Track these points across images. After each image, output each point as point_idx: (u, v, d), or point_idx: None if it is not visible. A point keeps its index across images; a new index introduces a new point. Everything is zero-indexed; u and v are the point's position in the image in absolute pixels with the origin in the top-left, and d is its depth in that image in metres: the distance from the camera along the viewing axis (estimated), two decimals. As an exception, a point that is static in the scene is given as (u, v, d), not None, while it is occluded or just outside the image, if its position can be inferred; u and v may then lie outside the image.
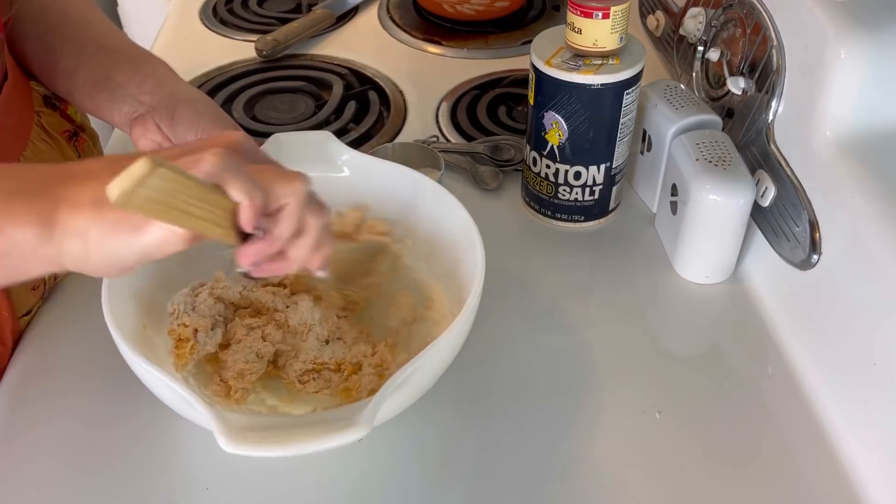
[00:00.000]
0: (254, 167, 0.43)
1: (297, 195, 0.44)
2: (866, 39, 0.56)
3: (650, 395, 0.59)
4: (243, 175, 0.41)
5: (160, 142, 0.60)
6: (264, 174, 0.43)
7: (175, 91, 0.60)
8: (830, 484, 0.53)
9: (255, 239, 0.44)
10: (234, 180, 0.41)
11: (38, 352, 0.61)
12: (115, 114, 0.62)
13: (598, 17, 0.62)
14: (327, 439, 0.42)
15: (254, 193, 0.42)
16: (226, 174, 0.41)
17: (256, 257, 0.45)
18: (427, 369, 0.49)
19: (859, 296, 0.55)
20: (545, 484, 0.53)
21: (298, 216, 0.45)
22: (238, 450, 0.41)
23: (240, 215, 0.42)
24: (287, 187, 0.44)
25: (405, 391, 0.48)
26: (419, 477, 0.54)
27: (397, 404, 0.49)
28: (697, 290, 0.68)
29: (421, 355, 0.46)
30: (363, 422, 0.42)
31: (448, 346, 0.49)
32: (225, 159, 0.41)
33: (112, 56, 0.62)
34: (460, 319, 0.49)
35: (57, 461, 0.54)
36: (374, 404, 0.43)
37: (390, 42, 1.04)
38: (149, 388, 0.49)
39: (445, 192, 0.60)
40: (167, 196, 0.37)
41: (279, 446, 0.42)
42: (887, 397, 0.51)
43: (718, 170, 0.63)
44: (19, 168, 0.52)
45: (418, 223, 0.62)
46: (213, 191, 0.40)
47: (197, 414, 0.44)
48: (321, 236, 0.47)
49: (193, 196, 0.39)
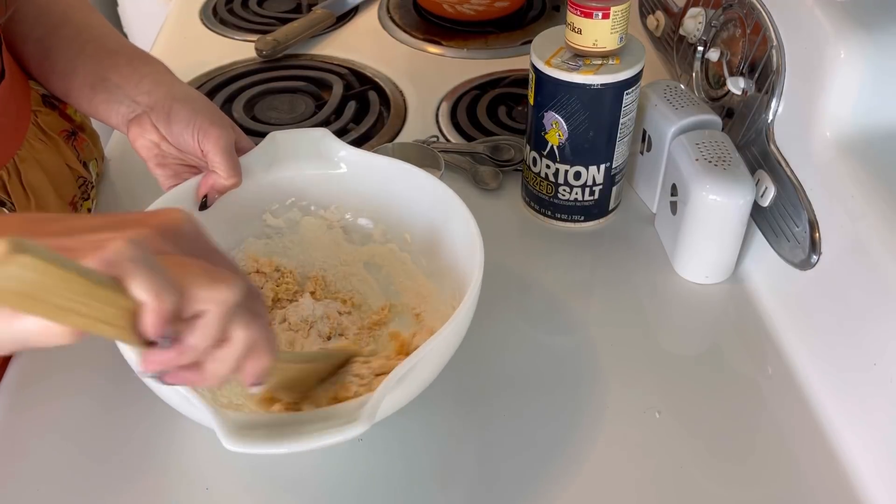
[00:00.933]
0: (177, 261, 0.37)
1: (219, 302, 0.37)
2: (866, 39, 0.56)
3: (650, 395, 0.59)
4: (152, 271, 0.34)
5: (157, 141, 0.60)
6: (187, 271, 0.37)
7: (172, 91, 0.60)
8: (830, 483, 0.54)
9: (161, 345, 0.37)
10: (139, 276, 0.34)
11: (37, 352, 0.61)
12: (112, 114, 0.62)
13: (598, 17, 0.62)
14: (328, 435, 0.42)
15: (162, 294, 0.35)
16: (129, 266, 0.34)
17: (162, 367, 0.38)
18: (427, 364, 0.49)
19: (859, 296, 0.55)
20: (545, 484, 0.53)
21: (219, 327, 0.38)
22: (240, 447, 0.41)
23: (142, 319, 0.35)
24: (210, 291, 0.37)
25: (405, 387, 0.48)
26: (419, 476, 0.54)
27: (397, 400, 0.49)
28: (697, 290, 0.68)
29: (420, 350, 0.46)
30: (364, 418, 0.42)
31: (448, 340, 0.49)
32: (132, 248, 0.34)
33: (110, 57, 0.63)
34: (460, 312, 0.49)
35: (56, 461, 0.54)
36: (374, 400, 0.43)
37: (390, 42, 1.04)
38: (150, 387, 0.49)
39: (444, 186, 0.60)
40: (34, 289, 0.31)
41: (280, 443, 0.42)
42: (887, 397, 0.51)
43: (718, 170, 0.63)
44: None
45: (417, 218, 0.62)
46: (107, 286, 0.34)
47: (198, 412, 0.44)
48: (254, 348, 0.40)
49: (75, 291, 0.32)
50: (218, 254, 0.42)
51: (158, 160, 0.61)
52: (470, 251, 0.54)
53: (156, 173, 0.62)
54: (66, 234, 0.36)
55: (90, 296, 0.33)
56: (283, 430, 0.43)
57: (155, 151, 0.61)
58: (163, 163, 0.61)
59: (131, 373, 0.51)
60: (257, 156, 0.62)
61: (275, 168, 0.63)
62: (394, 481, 0.53)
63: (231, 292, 0.38)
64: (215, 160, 0.58)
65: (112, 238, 0.34)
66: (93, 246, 0.34)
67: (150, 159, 0.61)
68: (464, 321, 0.51)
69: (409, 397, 0.51)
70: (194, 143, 0.58)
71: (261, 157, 0.62)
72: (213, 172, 0.58)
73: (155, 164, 0.61)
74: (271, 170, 0.62)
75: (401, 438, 0.56)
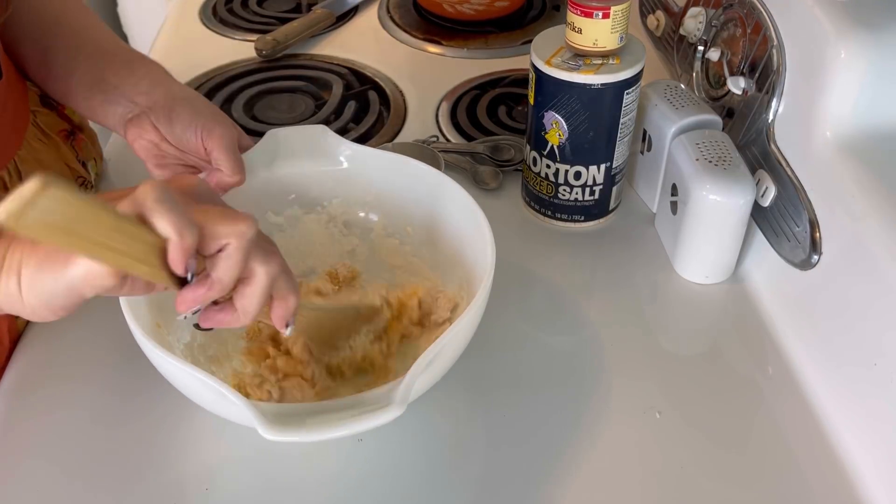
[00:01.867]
0: (197, 206, 0.40)
1: (238, 235, 0.40)
2: (866, 39, 0.56)
3: (650, 395, 0.59)
4: (175, 208, 0.37)
5: (157, 141, 0.60)
6: (206, 212, 0.40)
7: (171, 91, 0.60)
8: (830, 483, 0.53)
9: (192, 283, 0.40)
10: (162, 212, 0.37)
11: (36, 352, 0.61)
12: (109, 115, 0.62)
13: (598, 17, 0.62)
14: (366, 420, 0.43)
15: (185, 230, 0.38)
16: (153, 205, 0.37)
17: (195, 303, 0.41)
18: (453, 344, 0.50)
19: (859, 296, 0.55)
20: (545, 484, 0.53)
21: (241, 259, 0.40)
22: (279, 436, 0.42)
23: (168, 253, 0.38)
24: (228, 226, 0.40)
25: (432, 370, 0.49)
26: (419, 475, 0.54)
27: (425, 383, 0.50)
28: (697, 290, 0.68)
29: (448, 332, 0.47)
30: (399, 401, 0.43)
31: (472, 319, 0.50)
32: (155, 189, 0.37)
33: (107, 58, 0.63)
34: (480, 296, 0.50)
35: (56, 461, 0.54)
36: (406, 384, 0.44)
37: (390, 42, 1.04)
38: (178, 386, 0.49)
39: (447, 178, 0.60)
40: (67, 222, 0.34)
41: (318, 430, 0.43)
42: (887, 397, 0.51)
43: (718, 170, 0.63)
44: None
45: (418, 209, 0.62)
46: (134, 223, 0.37)
47: (234, 407, 0.44)
48: (278, 286, 0.43)
49: (106, 226, 0.35)
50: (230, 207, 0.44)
51: (158, 160, 0.61)
52: (476, 241, 0.55)
53: (155, 174, 0.62)
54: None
55: (119, 230, 0.36)
56: (318, 418, 0.43)
57: (154, 152, 0.61)
58: (162, 163, 0.61)
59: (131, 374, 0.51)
60: (258, 153, 0.62)
61: (276, 165, 0.63)
62: (394, 480, 0.53)
63: (247, 226, 0.40)
64: (220, 158, 0.58)
65: (137, 188, 0.37)
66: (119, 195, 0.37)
67: (149, 159, 0.61)
68: (482, 304, 0.51)
69: (434, 380, 0.51)
70: (198, 143, 0.58)
71: (262, 154, 0.62)
72: (217, 171, 0.58)
73: (154, 165, 0.61)
74: (272, 167, 0.63)
75: (401, 438, 0.55)
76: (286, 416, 0.43)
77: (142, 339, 0.47)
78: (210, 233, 0.39)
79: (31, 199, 0.32)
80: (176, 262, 0.38)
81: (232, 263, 0.40)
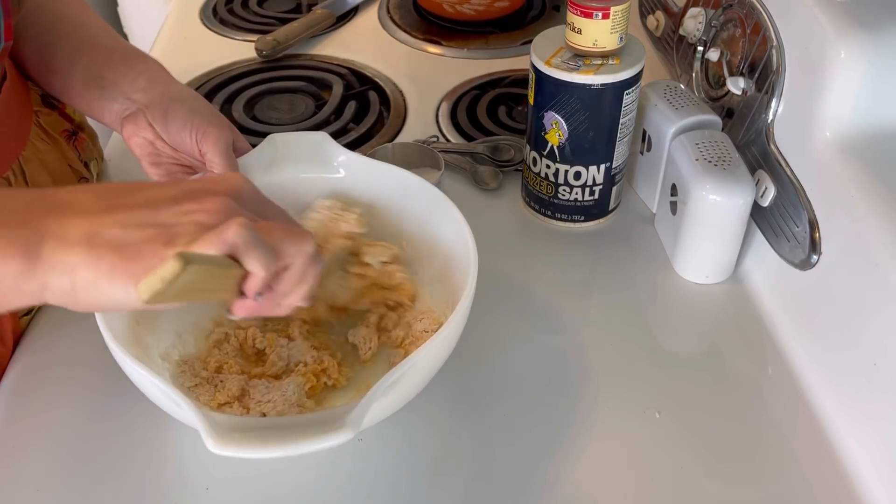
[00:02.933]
0: (263, 226, 0.43)
1: (304, 255, 0.44)
2: (866, 39, 0.56)
3: (650, 395, 0.59)
4: (262, 246, 0.41)
5: (152, 139, 0.60)
6: (273, 234, 0.43)
7: (168, 89, 0.60)
8: (830, 484, 0.54)
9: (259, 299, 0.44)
10: (254, 253, 0.41)
11: (38, 352, 0.61)
12: (105, 112, 0.62)
13: (598, 17, 0.62)
14: (313, 442, 0.42)
15: (270, 265, 0.42)
16: (247, 247, 0.40)
17: (253, 312, 0.44)
18: (416, 372, 0.49)
19: (859, 296, 0.55)
20: (545, 484, 0.53)
21: (303, 274, 0.44)
22: (224, 451, 0.41)
23: (249, 283, 0.42)
24: (295, 247, 0.43)
25: (394, 394, 0.48)
26: (417, 474, 0.54)
27: (386, 407, 0.49)
28: (697, 290, 0.68)
29: (410, 358, 0.46)
30: (350, 425, 0.42)
31: (438, 349, 0.49)
32: (246, 232, 0.40)
33: (105, 55, 0.62)
34: (451, 322, 0.49)
35: (56, 461, 0.54)
36: (361, 407, 0.43)
37: (390, 42, 1.04)
38: (137, 386, 0.49)
39: (439, 192, 0.59)
40: (193, 284, 0.38)
41: (265, 448, 0.42)
42: (887, 397, 0.51)
43: (718, 170, 0.63)
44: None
45: (412, 225, 0.62)
46: (230, 265, 0.41)
47: (183, 413, 0.44)
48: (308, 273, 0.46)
49: (213, 275, 0.40)
50: (276, 207, 0.48)
51: (152, 158, 0.61)
52: (466, 261, 0.54)
53: (149, 172, 0.62)
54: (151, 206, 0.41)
55: (221, 276, 0.40)
56: (268, 435, 0.43)
57: (149, 150, 0.61)
58: (157, 161, 0.61)
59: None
60: (256, 157, 0.62)
61: (273, 170, 0.62)
62: (392, 479, 0.53)
63: (311, 245, 0.44)
64: (213, 161, 0.58)
65: (228, 227, 0.40)
66: (215, 236, 0.39)
67: (143, 157, 0.61)
68: (456, 329, 0.50)
69: (398, 405, 0.50)
70: (192, 143, 0.58)
71: (259, 158, 0.62)
72: (211, 172, 0.58)
73: (149, 163, 0.61)
74: (269, 171, 0.62)
75: (400, 437, 0.55)
76: (236, 431, 0.43)
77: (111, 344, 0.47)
78: (280, 254, 0.43)
79: (172, 279, 0.36)
80: (254, 290, 0.42)
81: (296, 280, 0.44)
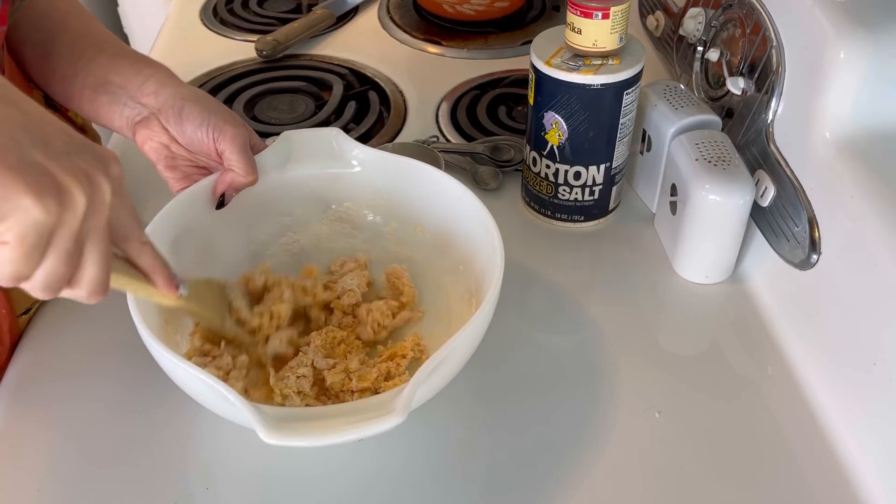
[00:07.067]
0: None
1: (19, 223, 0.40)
2: (866, 39, 0.56)
3: (650, 394, 0.59)
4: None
5: (167, 143, 0.60)
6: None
7: (179, 91, 0.60)
8: (830, 484, 0.54)
9: None
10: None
11: (37, 351, 0.61)
12: (115, 117, 0.61)
13: (597, 18, 0.62)
14: (367, 427, 0.43)
15: None
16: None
17: None
18: (458, 353, 0.50)
19: (859, 296, 0.55)
20: (545, 484, 0.53)
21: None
22: (279, 440, 0.42)
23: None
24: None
25: (437, 376, 0.48)
26: (423, 476, 0.54)
27: (429, 390, 0.50)
28: (697, 290, 0.68)
29: (452, 340, 0.47)
30: (400, 409, 0.43)
31: (477, 329, 0.50)
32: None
33: (112, 60, 0.62)
34: (487, 302, 0.50)
35: (56, 461, 0.54)
36: (408, 392, 0.44)
37: (390, 42, 1.04)
38: (182, 387, 0.49)
39: (457, 182, 0.60)
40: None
41: (318, 436, 0.43)
42: (887, 397, 0.51)
43: (718, 170, 0.63)
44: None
45: (430, 215, 0.63)
46: None
47: (236, 410, 0.44)
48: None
49: None
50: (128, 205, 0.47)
51: (168, 162, 0.61)
52: (485, 249, 0.55)
53: (165, 176, 0.61)
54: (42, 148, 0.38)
55: None
56: (319, 423, 0.43)
57: (164, 153, 0.60)
58: (172, 164, 0.61)
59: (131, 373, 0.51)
60: (272, 155, 0.62)
61: (289, 167, 0.63)
62: (398, 480, 0.53)
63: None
64: (232, 158, 0.58)
65: (97, 173, 0.39)
66: (83, 176, 0.39)
67: (159, 161, 0.61)
68: (490, 310, 0.51)
69: (439, 388, 0.51)
70: (209, 142, 0.58)
71: (275, 156, 0.62)
72: (230, 171, 0.58)
73: (164, 167, 0.61)
74: (286, 169, 0.63)
75: (404, 438, 0.55)
76: (286, 421, 0.44)
77: (150, 341, 0.47)
78: None
79: None
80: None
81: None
